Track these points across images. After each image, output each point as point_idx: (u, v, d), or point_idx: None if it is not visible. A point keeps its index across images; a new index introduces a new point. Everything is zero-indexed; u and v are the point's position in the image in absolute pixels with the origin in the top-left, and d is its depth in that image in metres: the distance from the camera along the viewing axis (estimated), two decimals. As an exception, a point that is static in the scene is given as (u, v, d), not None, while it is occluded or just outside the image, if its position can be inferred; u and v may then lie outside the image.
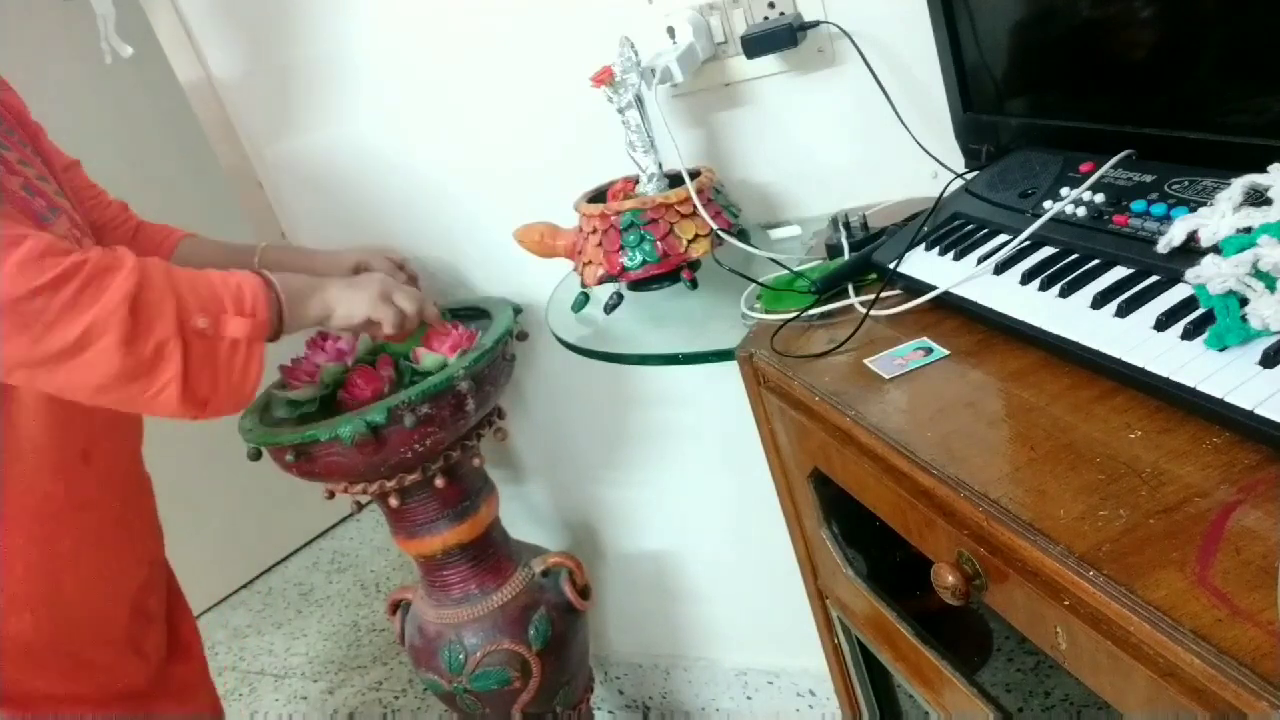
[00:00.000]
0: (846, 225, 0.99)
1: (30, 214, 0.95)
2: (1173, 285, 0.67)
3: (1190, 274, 0.62)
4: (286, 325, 1.03)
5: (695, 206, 1.03)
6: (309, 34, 1.36)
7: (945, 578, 0.63)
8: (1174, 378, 0.60)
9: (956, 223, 0.89)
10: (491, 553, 1.37)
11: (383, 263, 1.31)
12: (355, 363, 1.25)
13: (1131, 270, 0.70)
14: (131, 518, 1.18)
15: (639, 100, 1.04)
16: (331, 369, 1.23)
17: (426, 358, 1.21)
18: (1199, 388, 0.58)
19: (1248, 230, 0.61)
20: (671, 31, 1.12)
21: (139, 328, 0.90)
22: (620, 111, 1.04)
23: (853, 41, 1.06)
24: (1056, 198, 0.80)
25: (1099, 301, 0.69)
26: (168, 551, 1.28)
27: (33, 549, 1.03)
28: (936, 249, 0.87)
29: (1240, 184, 0.63)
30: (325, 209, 1.50)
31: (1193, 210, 0.67)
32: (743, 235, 1.07)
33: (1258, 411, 0.55)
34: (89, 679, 1.10)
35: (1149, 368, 0.62)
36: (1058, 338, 0.70)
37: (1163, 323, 0.64)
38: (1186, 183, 0.72)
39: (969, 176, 0.96)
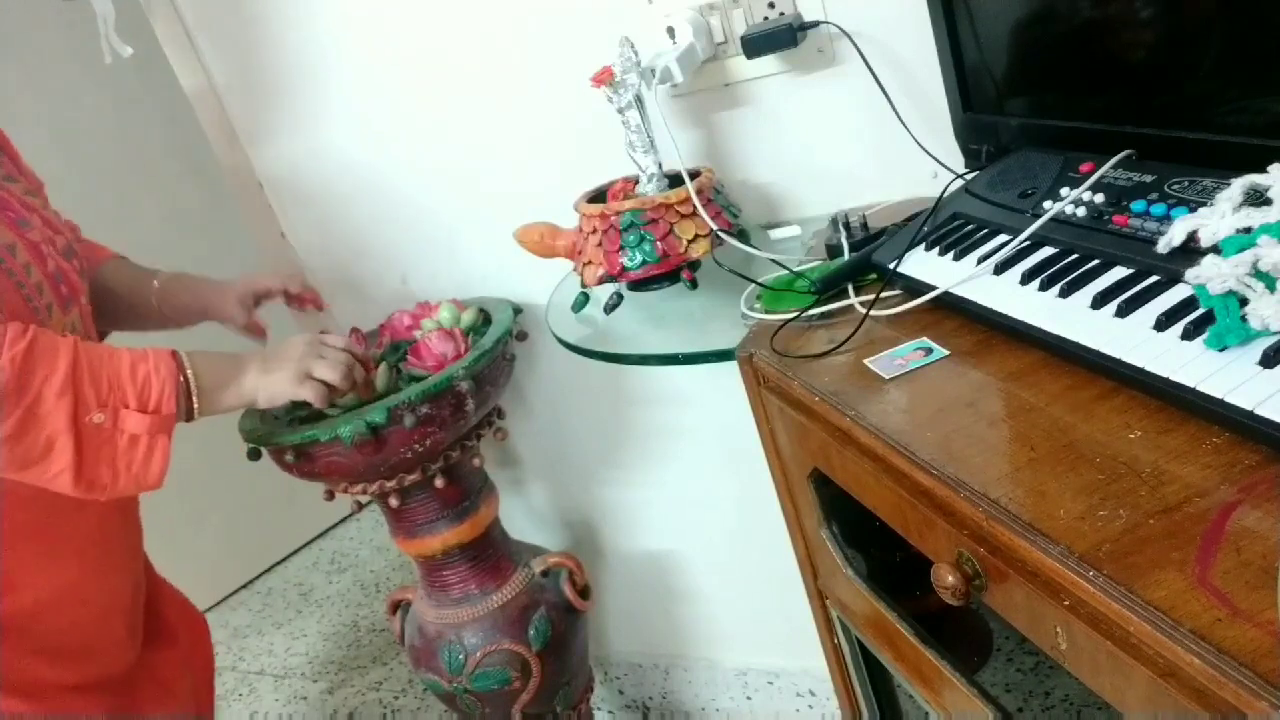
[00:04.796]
0: (846, 225, 0.99)
1: None
2: (1173, 285, 0.67)
3: (1190, 274, 0.62)
4: (199, 414, 1.02)
5: (695, 206, 1.03)
6: (306, 34, 1.36)
7: (945, 578, 0.63)
8: (1174, 378, 0.60)
9: (956, 223, 0.89)
10: (491, 553, 1.37)
11: (274, 281, 1.27)
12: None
13: (1131, 270, 0.70)
14: (126, 513, 1.19)
15: (639, 100, 1.04)
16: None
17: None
18: (1199, 388, 0.58)
19: (1248, 230, 0.61)
20: (671, 32, 1.12)
21: (27, 422, 0.90)
22: (620, 111, 1.04)
23: (853, 41, 1.06)
24: (1056, 198, 0.80)
25: (1099, 301, 0.69)
26: (168, 551, 1.29)
27: (44, 559, 1.05)
28: (936, 249, 0.87)
29: (1240, 184, 0.63)
30: (325, 209, 1.50)
31: (1193, 210, 0.67)
32: (743, 235, 1.07)
33: (1258, 411, 0.55)
34: (94, 668, 1.11)
35: (1149, 368, 0.62)
36: (1058, 338, 0.70)
37: (1163, 323, 0.64)
38: (1186, 183, 0.72)
39: (969, 176, 0.96)
